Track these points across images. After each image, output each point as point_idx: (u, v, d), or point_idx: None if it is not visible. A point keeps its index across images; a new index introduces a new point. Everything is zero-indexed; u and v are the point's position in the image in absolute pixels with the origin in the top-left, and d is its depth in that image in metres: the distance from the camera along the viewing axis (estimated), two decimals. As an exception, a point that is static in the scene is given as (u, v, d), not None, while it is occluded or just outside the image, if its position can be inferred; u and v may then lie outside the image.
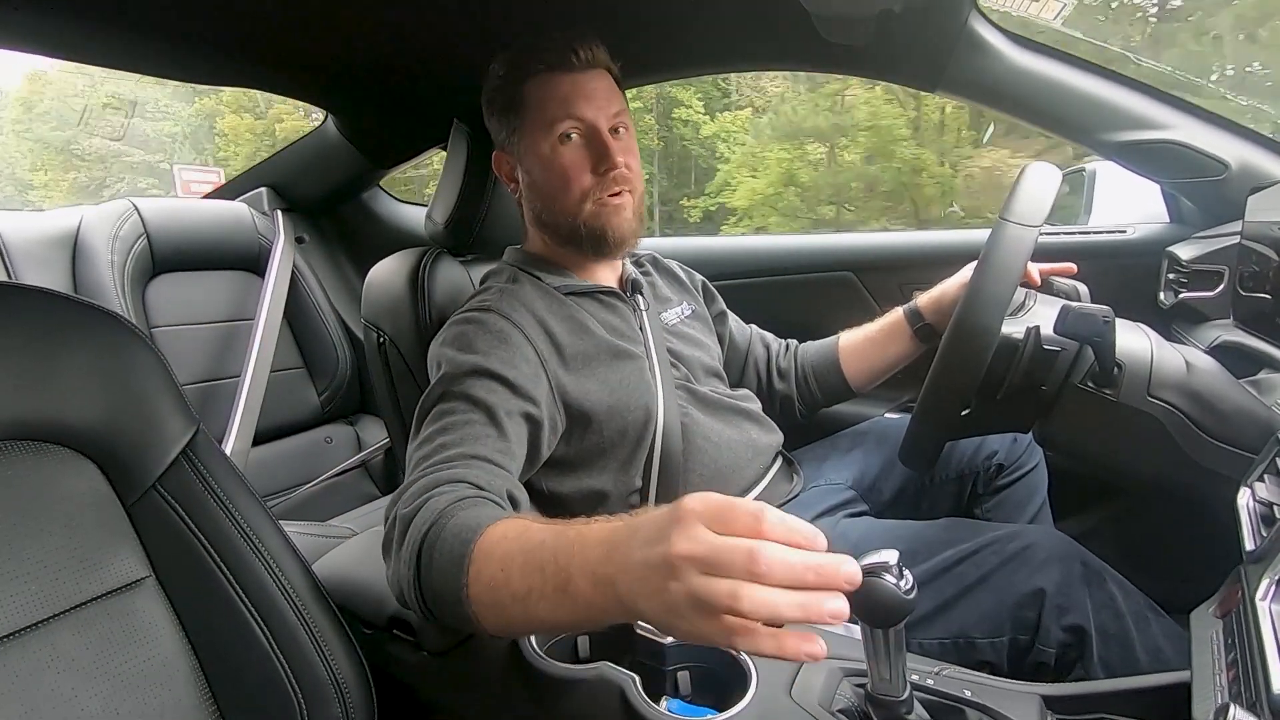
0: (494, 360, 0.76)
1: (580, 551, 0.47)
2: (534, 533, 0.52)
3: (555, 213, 0.88)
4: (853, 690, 0.54)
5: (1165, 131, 1.02)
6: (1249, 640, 0.42)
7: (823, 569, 0.38)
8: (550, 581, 0.47)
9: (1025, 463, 0.99)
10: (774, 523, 0.38)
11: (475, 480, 0.63)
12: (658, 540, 0.40)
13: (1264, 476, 0.57)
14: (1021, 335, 0.75)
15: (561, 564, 0.47)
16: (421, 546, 0.57)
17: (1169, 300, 1.08)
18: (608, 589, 0.44)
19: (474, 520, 0.56)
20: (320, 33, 1.02)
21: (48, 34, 0.92)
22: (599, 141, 0.84)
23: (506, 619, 0.52)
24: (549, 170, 0.86)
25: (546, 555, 0.48)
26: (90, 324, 0.59)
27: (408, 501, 0.62)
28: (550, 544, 0.49)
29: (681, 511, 0.40)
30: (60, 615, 0.53)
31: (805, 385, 1.11)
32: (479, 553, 0.53)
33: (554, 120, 0.83)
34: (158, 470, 0.59)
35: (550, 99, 0.84)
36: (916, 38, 1.00)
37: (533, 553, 0.50)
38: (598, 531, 0.47)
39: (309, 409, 1.67)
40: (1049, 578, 0.70)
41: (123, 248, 1.42)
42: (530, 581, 0.49)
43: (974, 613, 0.71)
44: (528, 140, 0.87)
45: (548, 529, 0.51)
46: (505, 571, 0.50)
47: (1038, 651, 0.68)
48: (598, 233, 0.86)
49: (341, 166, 1.64)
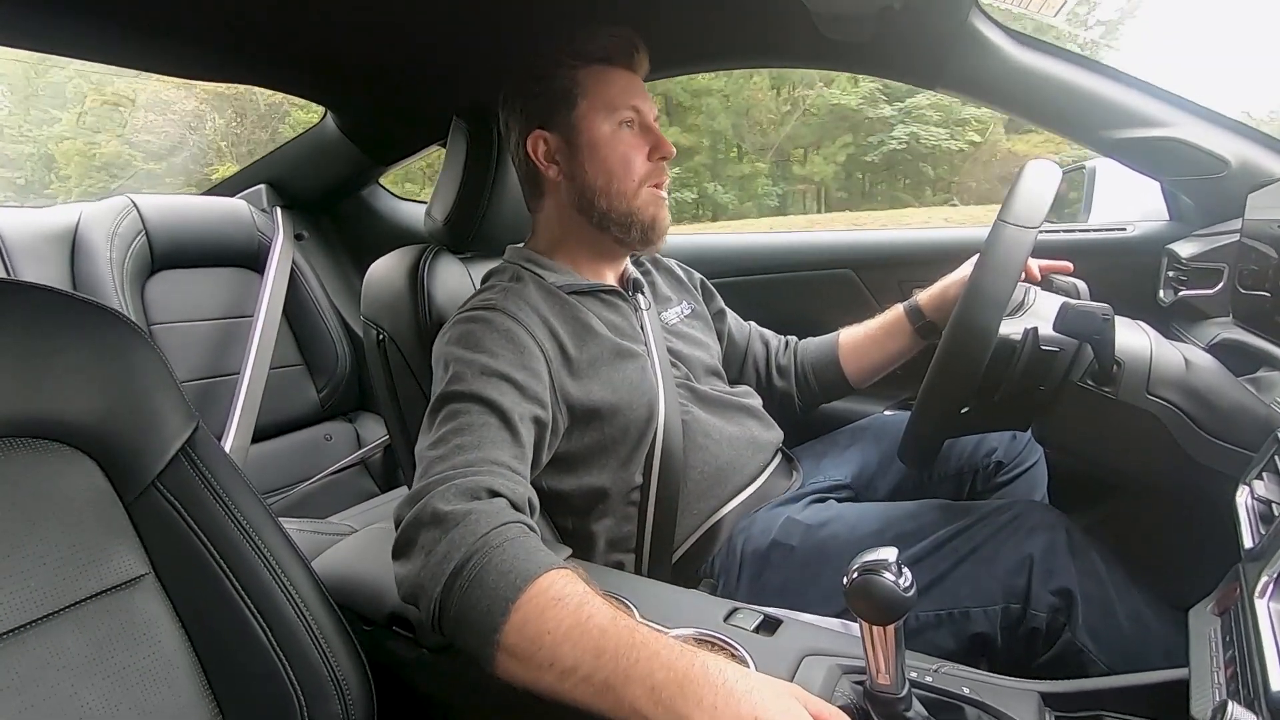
0: (502, 361, 0.75)
1: (646, 661, 0.47)
2: (599, 609, 0.52)
3: (612, 195, 0.88)
4: (852, 687, 0.54)
5: (1165, 129, 1.02)
6: (1247, 638, 0.43)
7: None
8: (601, 670, 0.48)
9: (1024, 460, 0.99)
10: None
11: (501, 490, 0.63)
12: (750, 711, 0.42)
13: (1262, 474, 0.57)
14: (1021, 333, 0.75)
15: (622, 663, 0.48)
16: (461, 571, 0.56)
17: (1168, 298, 1.08)
18: (664, 714, 0.45)
19: (523, 564, 0.56)
20: (320, 29, 1.02)
21: (45, 30, 0.92)
22: (653, 131, 0.89)
23: (532, 679, 0.53)
24: (609, 152, 0.87)
25: (609, 643, 0.49)
26: (89, 321, 0.59)
27: (448, 499, 0.61)
28: (613, 632, 0.50)
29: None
30: (60, 612, 0.53)
31: (805, 381, 1.11)
32: (528, 602, 0.53)
33: (617, 106, 0.87)
34: (157, 467, 0.59)
35: (612, 86, 0.88)
36: (917, 34, 1.00)
37: (594, 638, 0.50)
38: (672, 651, 0.48)
39: (308, 406, 1.67)
40: (1036, 544, 0.72)
41: (122, 244, 1.42)
42: (579, 661, 0.49)
43: (967, 584, 0.73)
44: (587, 121, 0.88)
45: (605, 612, 0.52)
46: (553, 639, 0.51)
47: (1030, 618, 0.70)
48: (648, 221, 0.89)
49: (341, 163, 1.64)
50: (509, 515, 0.61)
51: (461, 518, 0.59)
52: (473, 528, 0.58)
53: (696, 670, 0.46)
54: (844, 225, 7.95)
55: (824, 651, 0.58)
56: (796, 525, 0.84)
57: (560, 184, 0.90)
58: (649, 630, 0.51)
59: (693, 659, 0.47)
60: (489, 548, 0.57)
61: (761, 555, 0.84)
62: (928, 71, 1.07)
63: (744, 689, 0.45)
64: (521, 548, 0.58)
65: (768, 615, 0.62)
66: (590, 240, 0.92)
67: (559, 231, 0.93)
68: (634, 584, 0.67)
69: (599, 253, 0.93)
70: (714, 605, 0.64)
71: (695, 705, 0.44)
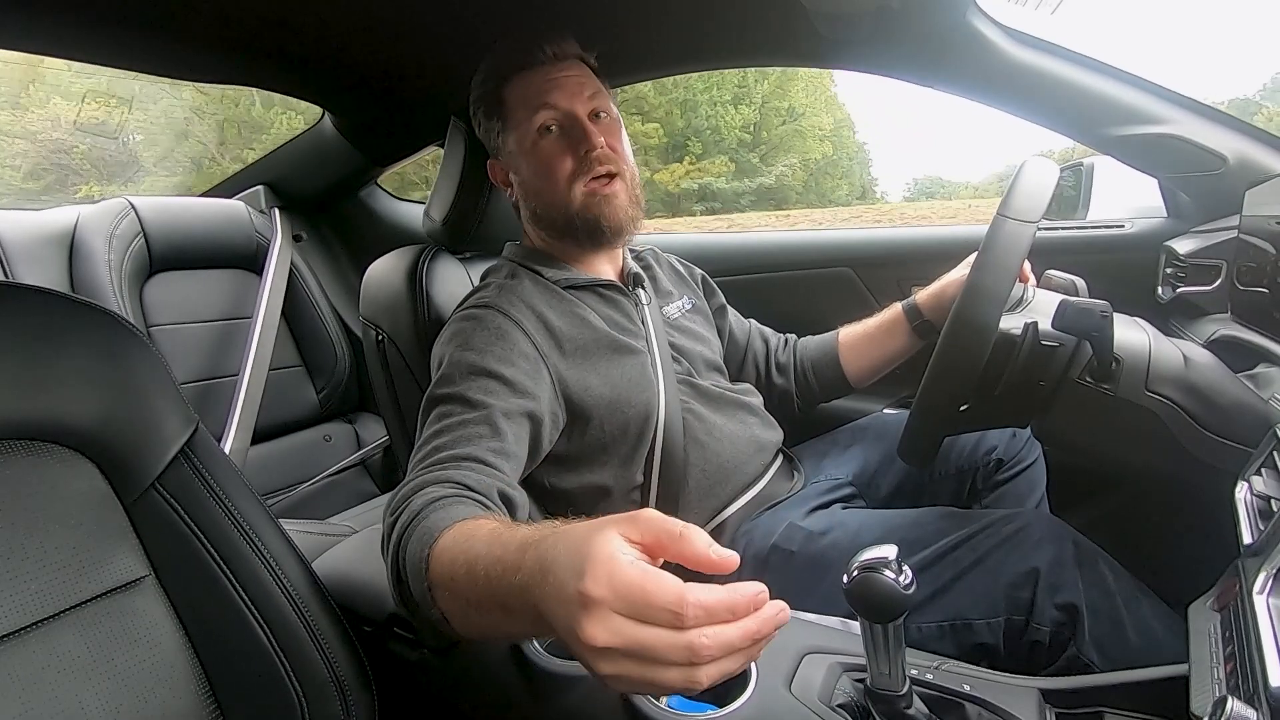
0: (490, 358, 0.76)
1: (503, 576, 0.45)
2: (476, 542, 0.50)
3: (547, 205, 0.89)
4: (852, 685, 0.54)
5: (1163, 126, 1.02)
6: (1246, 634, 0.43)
7: (760, 629, 0.37)
8: (487, 596, 0.46)
9: (1024, 458, 0.99)
10: (698, 614, 0.36)
11: (462, 480, 0.63)
12: (568, 614, 0.38)
13: (1261, 470, 0.57)
14: (1019, 330, 0.75)
15: (494, 583, 0.45)
16: (398, 549, 0.57)
17: (1167, 295, 1.08)
18: (545, 629, 0.42)
19: (438, 522, 0.55)
20: (318, 30, 1.02)
21: (45, 30, 0.92)
22: (577, 126, 0.86)
23: (472, 625, 0.52)
24: (533, 163, 0.87)
25: (479, 571, 0.47)
26: (88, 323, 0.59)
27: (395, 507, 0.62)
28: (484, 558, 0.48)
29: (587, 598, 0.37)
30: (60, 614, 0.53)
31: (804, 380, 1.11)
32: (435, 557, 0.52)
33: (531, 114, 0.86)
34: (157, 469, 0.59)
35: (526, 94, 0.87)
36: (915, 33, 1.00)
37: (474, 565, 0.48)
38: (515, 556, 0.45)
39: (307, 407, 1.67)
40: (1042, 557, 0.70)
41: (120, 246, 1.42)
42: (476, 593, 0.48)
43: (970, 595, 0.72)
44: (512, 139, 0.89)
45: (484, 538, 0.50)
46: (454, 581, 0.50)
47: (1032, 630, 0.68)
48: (592, 222, 0.87)
49: (339, 164, 1.64)
50: (446, 492, 0.61)
51: (404, 510, 0.60)
52: (407, 514, 0.58)
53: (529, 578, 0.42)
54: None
55: (824, 649, 0.58)
56: (798, 531, 0.84)
57: (519, 202, 0.93)
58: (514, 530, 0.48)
59: (522, 556, 0.44)
60: (416, 522, 0.57)
61: (761, 559, 0.84)
62: (926, 70, 1.07)
63: (563, 547, 0.41)
64: (441, 514, 0.57)
65: (768, 613, 0.62)
66: (562, 242, 0.92)
67: (538, 239, 0.95)
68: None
69: (579, 252, 0.94)
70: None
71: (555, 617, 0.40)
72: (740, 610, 0.37)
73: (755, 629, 0.37)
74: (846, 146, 19.61)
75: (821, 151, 18.55)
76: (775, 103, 17.85)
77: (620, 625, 0.36)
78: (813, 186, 18.55)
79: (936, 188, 21.71)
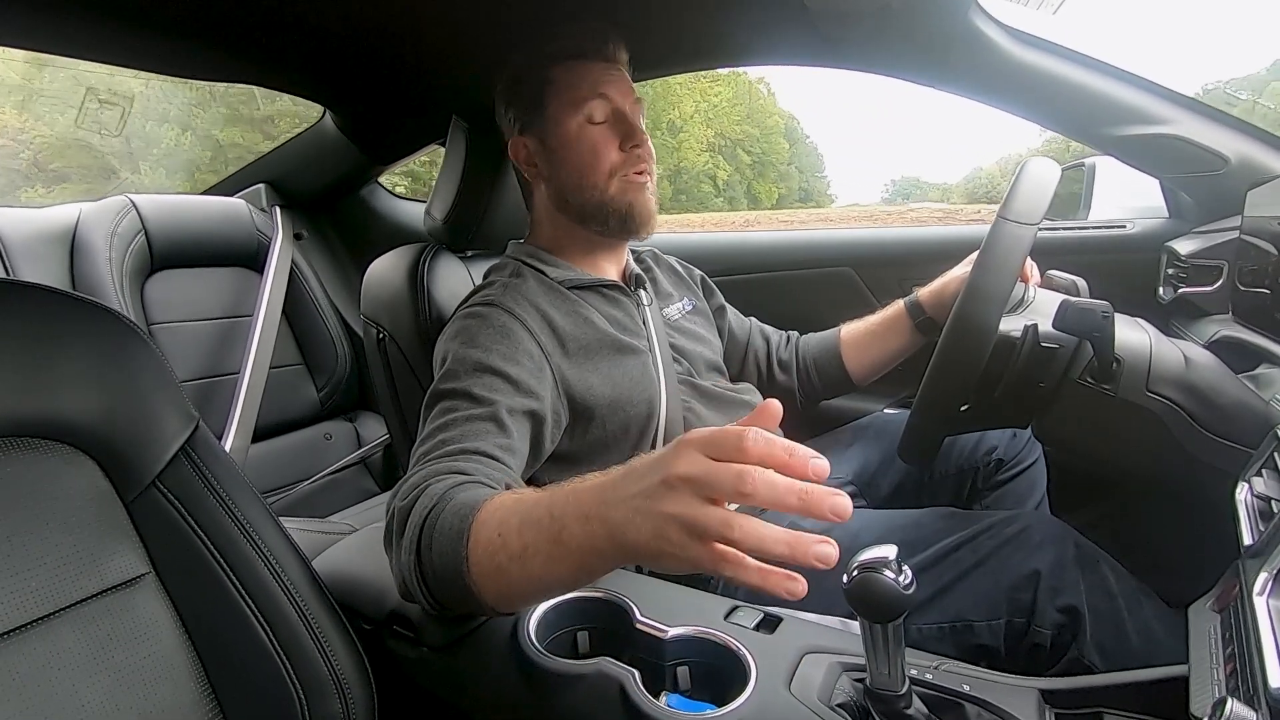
0: (495, 356, 0.76)
1: (574, 499, 0.48)
2: (530, 495, 0.53)
3: (584, 189, 0.88)
4: (851, 685, 0.54)
5: (1164, 126, 1.02)
6: (1246, 635, 0.43)
7: (809, 495, 0.40)
8: (545, 534, 0.48)
9: (1025, 458, 0.99)
10: (755, 439, 0.40)
11: (472, 472, 0.64)
12: (655, 470, 0.42)
13: (1262, 471, 0.57)
14: (1020, 331, 0.75)
15: (556, 515, 0.48)
16: (421, 530, 0.57)
17: (1168, 295, 1.08)
18: (599, 526, 0.45)
19: (473, 497, 0.56)
20: (319, 29, 1.02)
21: (45, 30, 0.92)
22: (626, 121, 0.88)
23: (506, 583, 0.52)
24: (578, 147, 0.87)
25: (541, 511, 0.49)
26: (89, 321, 0.59)
27: (405, 494, 0.62)
28: (545, 500, 0.50)
29: (680, 442, 0.42)
30: (60, 612, 0.53)
31: (806, 376, 1.11)
32: (478, 523, 0.53)
33: (583, 100, 0.87)
34: (157, 467, 0.59)
35: (581, 81, 0.87)
36: (916, 32, 1.00)
37: (529, 511, 0.50)
38: (592, 479, 0.49)
39: (308, 405, 1.67)
40: (1043, 559, 0.70)
41: (121, 244, 1.42)
42: (526, 538, 0.49)
43: (970, 597, 0.71)
44: (554, 120, 0.88)
45: (545, 490, 0.52)
46: (503, 535, 0.51)
47: (1033, 633, 0.68)
48: (624, 210, 0.88)
49: (340, 162, 1.64)
50: (463, 479, 0.62)
51: (419, 497, 0.60)
52: (427, 499, 0.59)
53: (605, 481, 0.47)
54: (843, 223, 7.96)
55: (824, 649, 0.58)
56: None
57: (542, 185, 0.93)
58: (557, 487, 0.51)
59: (594, 479, 0.48)
60: (443, 503, 0.57)
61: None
62: (927, 69, 1.07)
63: (646, 465, 0.45)
64: (471, 492, 0.58)
65: (768, 613, 0.62)
66: (578, 236, 0.93)
67: (550, 229, 0.94)
68: (635, 582, 0.67)
69: (590, 247, 0.94)
70: (715, 603, 0.64)
71: (616, 507, 0.44)
72: (796, 455, 0.41)
73: (802, 489, 0.40)
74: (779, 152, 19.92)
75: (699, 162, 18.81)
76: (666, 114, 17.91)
77: (699, 458, 0.41)
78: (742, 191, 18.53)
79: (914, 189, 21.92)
